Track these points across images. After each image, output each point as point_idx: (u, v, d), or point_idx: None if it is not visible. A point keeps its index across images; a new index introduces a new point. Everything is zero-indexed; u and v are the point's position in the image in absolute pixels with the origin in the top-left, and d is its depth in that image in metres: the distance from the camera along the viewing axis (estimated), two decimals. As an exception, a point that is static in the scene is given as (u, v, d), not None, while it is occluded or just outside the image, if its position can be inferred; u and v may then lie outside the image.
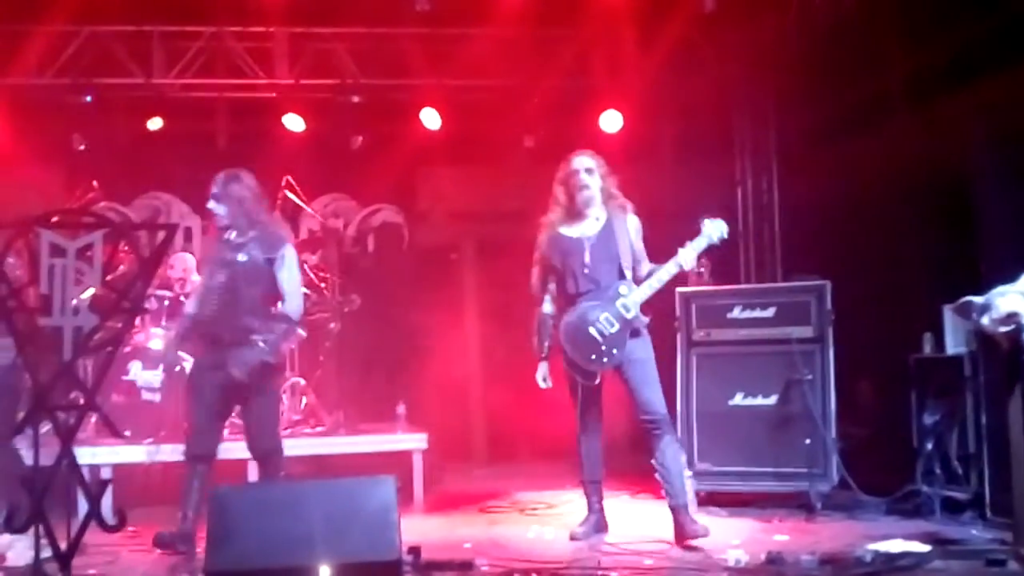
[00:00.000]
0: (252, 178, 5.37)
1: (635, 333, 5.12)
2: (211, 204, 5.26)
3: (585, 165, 5.24)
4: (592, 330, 5.06)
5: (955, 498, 5.48)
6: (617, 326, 5.06)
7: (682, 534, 4.98)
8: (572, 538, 5.22)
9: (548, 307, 5.37)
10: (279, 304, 5.25)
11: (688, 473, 5.21)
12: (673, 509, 5.07)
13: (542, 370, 5.32)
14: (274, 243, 5.26)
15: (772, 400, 6.05)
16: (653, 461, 5.12)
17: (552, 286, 5.35)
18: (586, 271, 5.17)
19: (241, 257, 5.18)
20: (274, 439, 5.25)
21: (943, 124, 6.77)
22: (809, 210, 7.96)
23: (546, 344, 5.30)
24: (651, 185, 7.64)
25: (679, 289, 6.34)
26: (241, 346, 5.05)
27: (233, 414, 5.38)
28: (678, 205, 5.96)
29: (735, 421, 6.06)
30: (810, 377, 5.92)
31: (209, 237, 5.44)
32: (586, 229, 5.23)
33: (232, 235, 5.24)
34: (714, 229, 5.16)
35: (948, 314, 5.65)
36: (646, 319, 5.19)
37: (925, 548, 4.49)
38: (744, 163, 8.60)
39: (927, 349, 5.90)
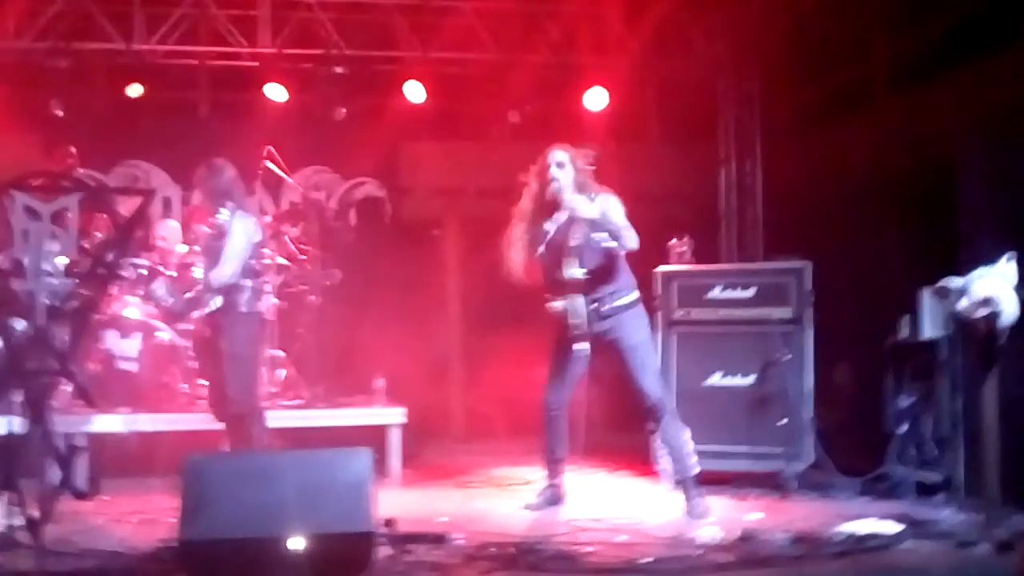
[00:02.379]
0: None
1: (622, 309, 5.15)
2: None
3: (556, 159, 5.24)
4: (571, 316, 5.14)
5: (928, 480, 5.51)
6: (589, 306, 5.12)
7: (686, 509, 5.15)
8: (526, 508, 5.36)
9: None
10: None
11: (690, 445, 5.27)
12: (678, 483, 5.26)
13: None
14: (235, 214, 5.44)
15: (750, 380, 6.06)
16: (657, 440, 5.44)
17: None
18: (558, 256, 5.18)
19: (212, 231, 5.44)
20: (238, 404, 5.35)
21: (925, 110, 6.80)
22: (791, 192, 7.98)
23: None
24: (635, 164, 7.66)
25: (660, 268, 6.35)
26: (208, 320, 5.40)
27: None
28: (661, 184, 5.96)
29: (713, 400, 6.07)
30: (788, 358, 5.94)
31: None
32: (557, 219, 5.24)
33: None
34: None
35: (926, 298, 5.66)
36: (630, 292, 5.20)
37: (897, 528, 4.52)
38: (728, 144, 8.58)
39: (904, 332, 5.92)
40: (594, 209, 5.06)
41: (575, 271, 5.14)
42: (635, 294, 5.28)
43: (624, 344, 5.16)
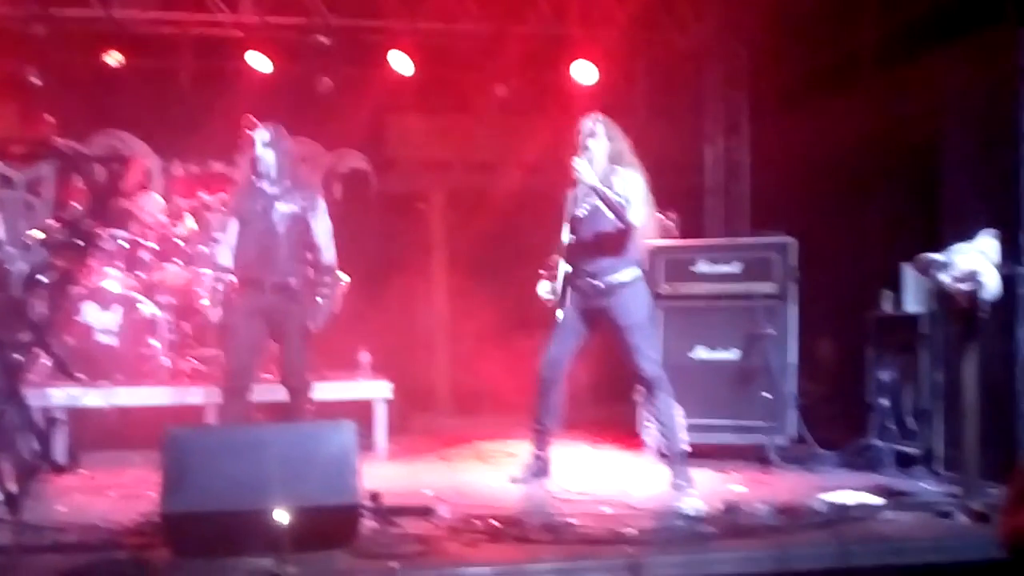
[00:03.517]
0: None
1: (619, 287, 5.15)
2: (261, 151, 5.37)
3: (588, 129, 5.25)
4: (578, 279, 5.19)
5: (907, 453, 5.57)
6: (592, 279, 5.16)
7: (672, 482, 5.17)
8: (511, 481, 5.37)
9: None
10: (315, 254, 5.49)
11: (682, 422, 5.29)
12: (668, 458, 5.26)
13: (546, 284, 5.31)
14: (310, 194, 5.54)
15: (734, 354, 6.09)
16: (649, 415, 5.52)
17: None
18: (577, 228, 5.21)
19: (282, 207, 5.38)
20: (307, 376, 5.50)
21: (910, 87, 6.79)
22: (778, 168, 7.98)
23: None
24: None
25: (646, 242, 6.34)
26: (293, 293, 5.36)
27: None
28: (648, 158, 5.92)
29: (697, 374, 6.08)
30: (772, 333, 5.96)
31: (240, 186, 5.67)
32: (581, 191, 5.24)
33: (265, 184, 5.41)
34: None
35: (908, 272, 5.69)
36: (625, 269, 5.18)
37: (877, 500, 4.56)
38: (715, 119, 8.58)
39: (886, 307, 5.95)
40: (592, 176, 5.04)
41: (564, 238, 5.17)
42: (636, 271, 5.23)
43: (621, 322, 5.15)
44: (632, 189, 5.13)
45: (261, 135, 5.44)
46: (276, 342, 5.48)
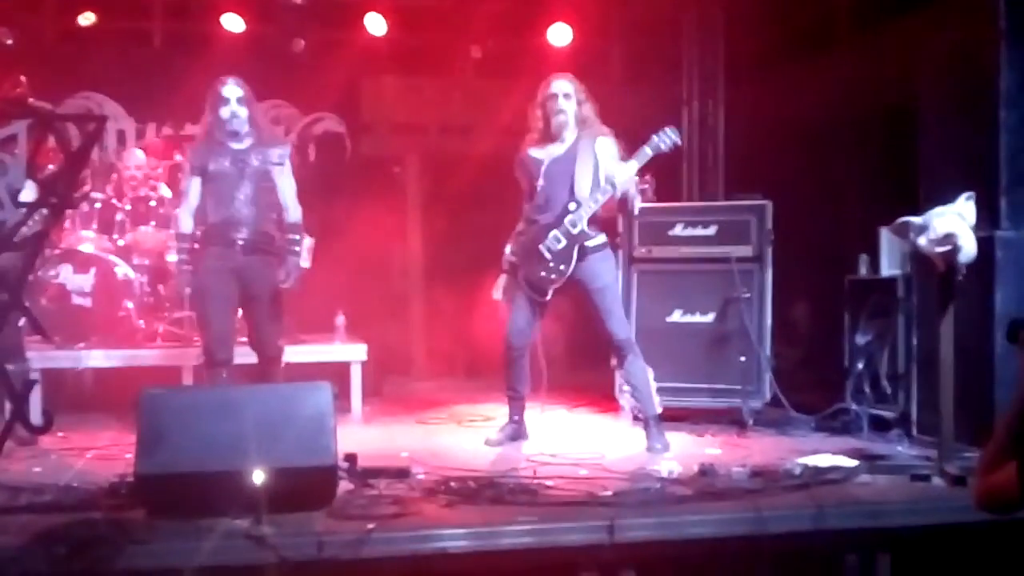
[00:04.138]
0: None
1: (590, 250, 5.17)
2: (235, 108, 5.18)
3: (563, 90, 5.24)
4: (542, 247, 5.16)
5: (883, 416, 5.59)
6: (564, 242, 5.15)
7: (647, 445, 5.22)
8: (487, 444, 5.38)
9: (521, 226, 5.40)
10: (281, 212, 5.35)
11: (655, 385, 5.34)
12: (643, 421, 5.32)
13: (500, 282, 5.37)
14: (277, 150, 5.33)
15: (710, 318, 6.08)
16: (621, 378, 5.54)
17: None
18: (541, 191, 5.23)
19: (252, 162, 5.21)
20: (278, 341, 5.40)
21: (887, 50, 6.79)
22: (754, 131, 7.97)
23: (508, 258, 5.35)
24: (597, 101, 7.57)
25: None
26: (267, 252, 5.21)
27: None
28: (624, 122, 5.91)
29: (673, 338, 6.09)
30: (748, 296, 5.97)
31: (201, 142, 5.39)
32: (551, 152, 5.26)
33: (234, 141, 5.23)
34: (663, 138, 5.18)
35: (884, 236, 5.70)
36: (597, 235, 5.22)
37: (853, 463, 4.58)
38: (691, 83, 8.54)
39: (862, 270, 5.97)
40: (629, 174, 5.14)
41: (578, 206, 5.15)
42: (603, 237, 5.29)
43: (591, 285, 5.18)
44: (624, 170, 5.16)
45: (234, 91, 5.22)
46: (246, 304, 5.32)
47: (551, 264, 5.16)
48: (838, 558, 4.02)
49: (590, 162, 5.20)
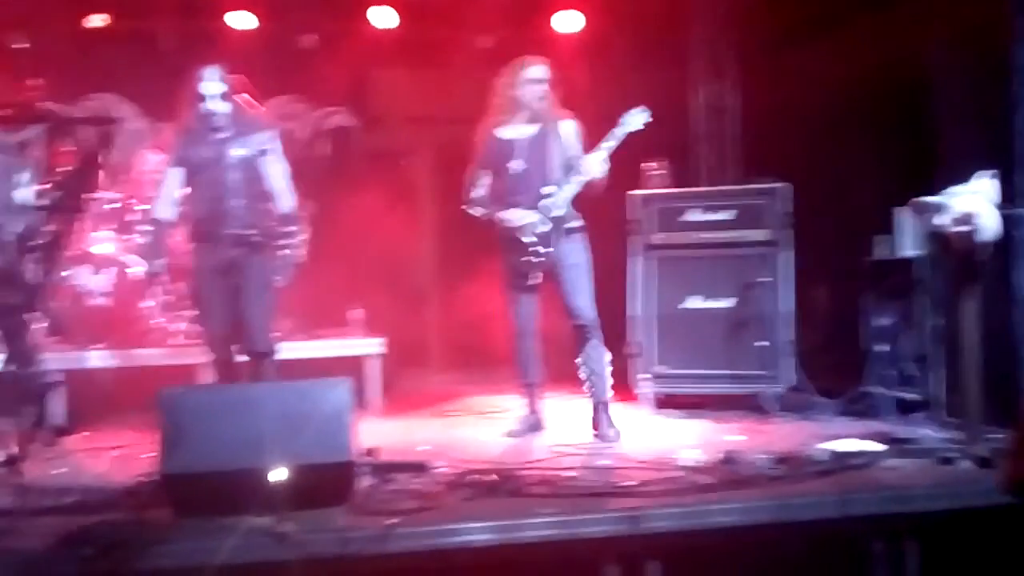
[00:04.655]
0: None
1: (567, 232, 5.21)
2: (214, 103, 4.98)
3: (543, 74, 5.26)
4: (523, 231, 5.17)
5: (907, 399, 5.55)
6: (546, 226, 5.16)
7: (597, 431, 5.25)
8: (506, 435, 5.38)
9: (479, 192, 5.41)
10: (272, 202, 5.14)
11: (610, 369, 5.35)
12: (594, 406, 5.31)
13: (512, 215, 5.25)
14: (264, 136, 5.09)
15: (729, 303, 6.04)
16: (578, 361, 5.32)
17: (484, 184, 5.39)
18: (515, 173, 5.24)
19: (235, 152, 5.00)
20: (272, 341, 5.22)
21: (904, 26, 6.70)
22: (768, 114, 7.90)
23: (494, 209, 5.31)
24: (608, 86, 7.53)
25: (635, 191, 6.30)
26: (252, 247, 5.00)
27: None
28: (636, 106, 5.87)
29: (692, 324, 6.06)
30: (768, 280, 5.91)
31: (182, 134, 5.20)
32: (520, 132, 5.28)
33: (215, 133, 5.03)
34: (633, 118, 5.20)
35: (904, 215, 5.65)
36: (576, 217, 5.25)
37: (878, 447, 4.54)
38: (703, 65, 8.46)
39: (882, 252, 5.91)
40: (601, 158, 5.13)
41: (554, 188, 5.17)
42: (580, 220, 5.31)
43: (565, 262, 5.20)
44: (578, 140, 5.22)
45: (211, 86, 4.99)
46: (236, 299, 5.11)
47: (534, 248, 5.18)
48: (865, 545, 3.97)
49: (558, 144, 5.25)
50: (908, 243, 5.68)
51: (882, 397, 5.60)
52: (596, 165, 5.14)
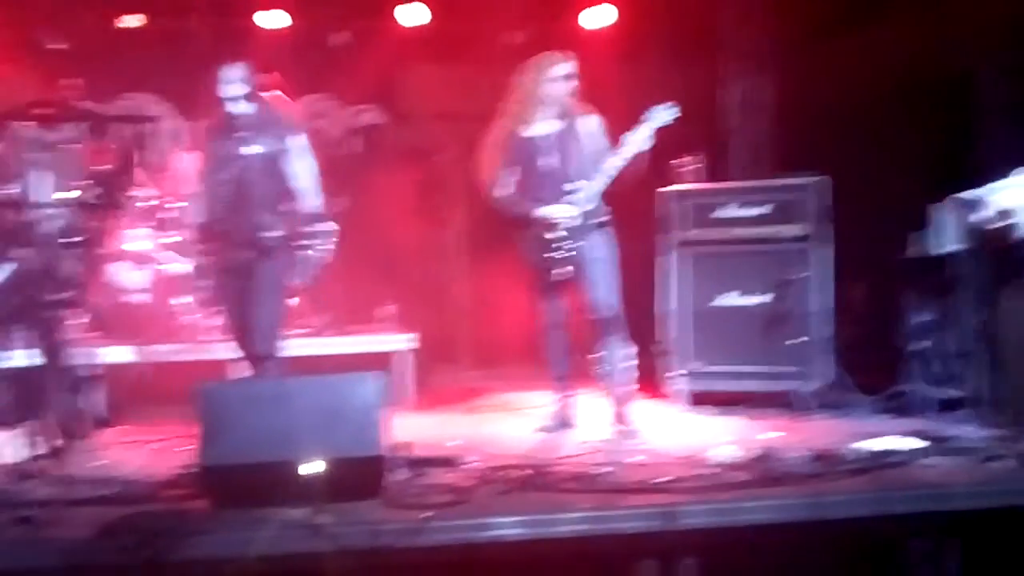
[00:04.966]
0: None
1: (595, 227, 5.21)
2: (235, 104, 4.92)
3: (569, 71, 5.26)
4: (551, 225, 5.18)
5: (947, 397, 5.47)
6: (576, 220, 5.16)
7: (617, 427, 5.24)
8: (538, 431, 5.38)
9: (508, 190, 5.38)
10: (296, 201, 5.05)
11: (632, 363, 5.33)
12: (614, 403, 5.29)
13: (548, 211, 5.23)
14: (283, 132, 5.01)
15: (765, 299, 5.99)
16: (599, 355, 5.29)
17: (510, 182, 5.37)
18: (543, 170, 5.24)
19: (249, 149, 4.93)
20: (275, 343, 5.10)
21: (944, 20, 6.63)
22: (802, 108, 7.85)
23: (528, 205, 5.27)
24: (641, 81, 7.51)
25: (668, 187, 6.26)
26: (265, 248, 4.91)
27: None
28: (669, 101, 5.85)
29: (727, 320, 6.02)
30: (805, 276, 5.86)
31: (207, 133, 5.20)
32: (546, 129, 5.28)
33: (237, 131, 4.98)
34: (659, 112, 5.20)
35: (943, 211, 5.58)
36: (604, 211, 5.26)
37: (917, 444, 4.49)
38: (737, 59, 8.42)
39: (921, 247, 5.84)
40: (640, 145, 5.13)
41: (582, 184, 5.16)
42: (607, 215, 5.30)
43: (589, 255, 5.19)
44: (601, 134, 5.23)
45: (232, 88, 4.92)
46: (243, 299, 5.03)
47: (563, 243, 5.18)
48: (904, 543, 3.94)
49: (583, 140, 5.25)
50: (948, 238, 5.60)
51: (921, 394, 5.52)
52: (621, 161, 5.13)
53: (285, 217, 5.02)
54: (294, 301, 6.97)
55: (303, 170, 5.02)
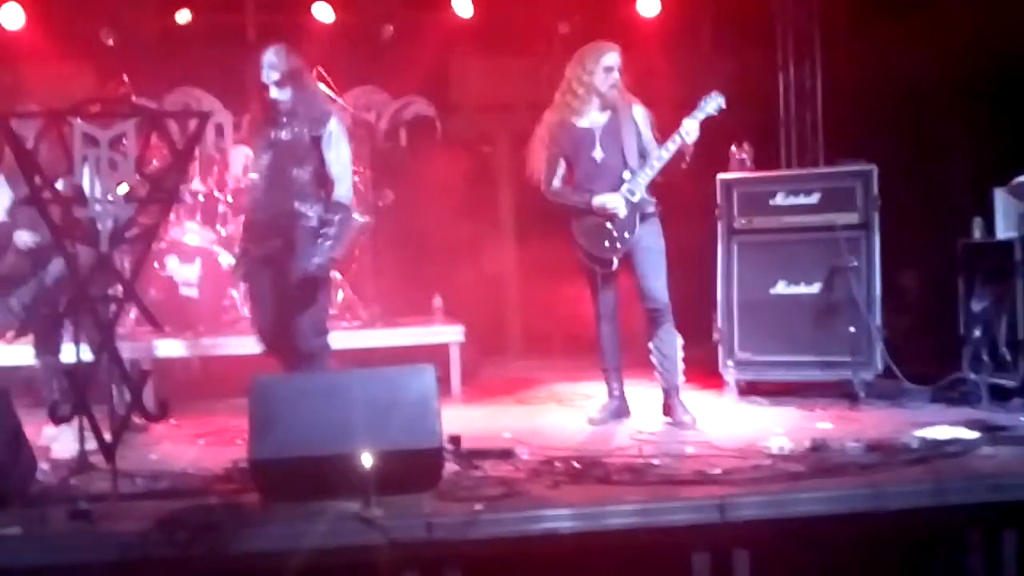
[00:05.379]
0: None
1: (644, 217, 5.20)
2: (273, 91, 4.82)
3: (618, 62, 5.24)
4: (612, 218, 5.16)
5: (1002, 385, 5.38)
6: (624, 211, 5.14)
7: (671, 417, 5.24)
8: (590, 423, 5.36)
9: (559, 182, 5.38)
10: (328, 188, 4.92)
11: (682, 354, 5.32)
12: (665, 392, 5.31)
13: (604, 200, 5.20)
14: (318, 118, 4.90)
15: (815, 288, 5.91)
16: (651, 345, 5.30)
17: (561, 172, 5.37)
18: (595, 161, 5.24)
19: (284, 134, 4.88)
20: (322, 337, 5.04)
21: (992, 5, 6.51)
22: (853, 94, 7.75)
23: (584, 196, 5.24)
24: (689, 70, 7.46)
25: (720, 176, 6.22)
26: (293, 236, 4.82)
27: None
28: (718, 90, 5.81)
29: (777, 310, 5.95)
30: (855, 264, 5.79)
31: (251, 122, 5.21)
32: (595, 120, 5.27)
33: (276, 118, 4.91)
34: (710, 102, 5.19)
35: (1000, 196, 5.49)
36: (653, 202, 5.26)
37: (973, 435, 4.42)
38: (786, 47, 8.34)
39: (976, 234, 5.74)
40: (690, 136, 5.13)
41: (633, 174, 5.17)
42: (656, 205, 5.30)
43: (639, 247, 5.20)
44: (647, 125, 5.25)
45: (269, 74, 4.83)
46: (273, 293, 4.94)
47: (613, 233, 5.17)
48: (960, 534, 3.88)
49: (633, 130, 5.25)
50: (1006, 224, 5.50)
51: (976, 383, 5.43)
52: (668, 152, 5.13)
53: (320, 205, 4.92)
54: (339, 295, 7.06)
55: (335, 158, 4.91)
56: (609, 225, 5.18)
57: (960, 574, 3.90)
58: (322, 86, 7.10)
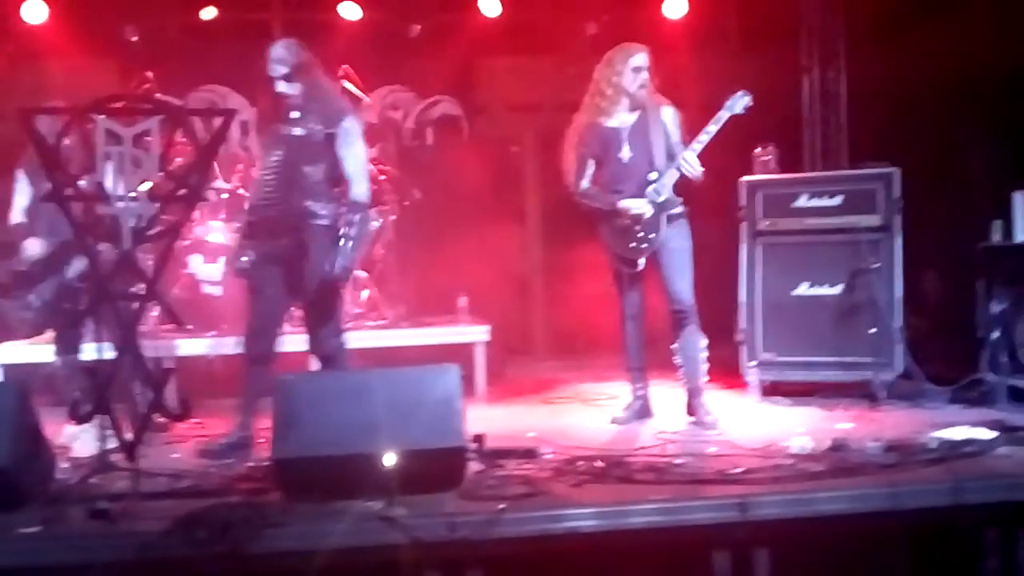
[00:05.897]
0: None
1: (671, 218, 5.21)
2: (281, 86, 4.72)
3: (646, 62, 5.26)
4: (638, 219, 5.18)
5: (1021, 387, 5.39)
6: (650, 211, 5.16)
7: (694, 417, 5.27)
8: (613, 422, 5.39)
9: (587, 183, 5.40)
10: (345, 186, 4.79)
11: (705, 354, 5.34)
12: (688, 392, 5.33)
13: (629, 203, 5.21)
14: (333, 115, 4.77)
15: (837, 290, 5.91)
16: (674, 346, 5.34)
17: (590, 173, 5.39)
18: (623, 162, 5.25)
19: (296, 130, 4.75)
20: (340, 337, 4.96)
21: (1015, 10, 6.48)
22: (877, 97, 7.73)
23: (610, 198, 5.27)
24: (715, 72, 7.45)
25: (744, 178, 6.22)
26: (304, 235, 4.70)
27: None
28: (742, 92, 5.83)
29: (800, 311, 5.96)
30: (877, 266, 5.79)
31: (259, 117, 5.14)
32: (623, 121, 5.29)
33: (287, 115, 4.79)
34: (735, 102, 5.19)
35: (1019, 200, 5.47)
36: (680, 202, 5.26)
37: (992, 435, 4.43)
38: (811, 50, 8.32)
39: (996, 237, 5.73)
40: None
41: (659, 174, 5.18)
42: (682, 206, 5.30)
43: (665, 248, 5.21)
44: (675, 126, 5.27)
45: (276, 68, 4.72)
46: (296, 299, 4.84)
47: (639, 234, 5.19)
48: (977, 533, 3.89)
49: (661, 130, 5.25)
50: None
51: (996, 385, 5.44)
52: (695, 153, 5.14)
53: (333, 204, 4.80)
54: (364, 294, 7.10)
55: (350, 156, 4.77)
56: (636, 226, 5.20)
57: (977, 573, 3.91)
58: (349, 84, 7.19)
